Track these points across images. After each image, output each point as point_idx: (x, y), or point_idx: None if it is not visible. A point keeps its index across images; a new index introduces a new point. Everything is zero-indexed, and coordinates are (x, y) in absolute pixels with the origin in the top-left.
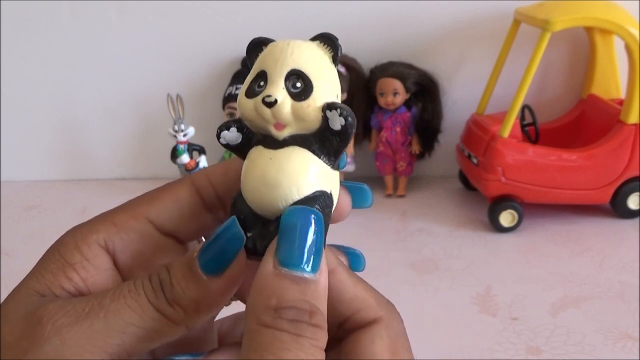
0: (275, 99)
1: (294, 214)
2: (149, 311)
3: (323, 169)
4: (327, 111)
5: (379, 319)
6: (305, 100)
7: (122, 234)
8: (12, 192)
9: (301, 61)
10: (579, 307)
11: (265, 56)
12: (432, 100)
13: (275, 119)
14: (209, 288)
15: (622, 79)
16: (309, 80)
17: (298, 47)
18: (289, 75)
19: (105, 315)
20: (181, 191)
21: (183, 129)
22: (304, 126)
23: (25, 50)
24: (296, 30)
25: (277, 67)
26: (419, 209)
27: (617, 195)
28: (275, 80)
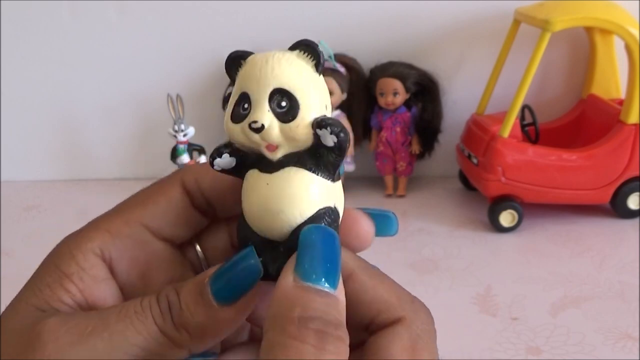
0: (262, 124)
1: (311, 232)
2: (155, 334)
3: (323, 186)
4: (318, 130)
5: (402, 318)
6: (293, 121)
7: (117, 241)
8: (12, 192)
9: (283, 77)
10: (579, 307)
11: (245, 76)
12: (432, 100)
13: (266, 141)
14: (218, 316)
15: (622, 79)
16: (294, 97)
17: (278, 62)
18: (273, 95)
19: (109, 336)
20: (173, 194)
21: (183, 129)
22: (296, 145)
23: (25, 50)
24: (296, 30)
25: (259, 88)
26: (419, 209)
27: (617, 195)
28: (258, 103)
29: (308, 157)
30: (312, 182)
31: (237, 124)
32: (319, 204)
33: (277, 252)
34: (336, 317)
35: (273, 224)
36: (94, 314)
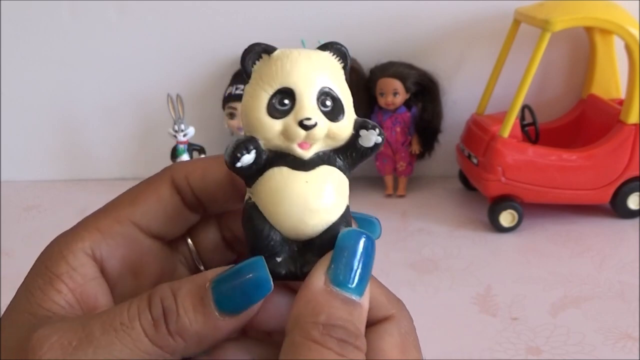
0: (316, 122)
1: (352, 236)
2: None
3: (347, 184)
4: (362, 130)
5: (390, 316)
6: (341, 121)
7: (108, 240)
8: (12, 192)
9: (328, 78)
10: (579, 307)
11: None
12: (432, 100)
13: (306, 139)
14: (219, 326)
15: (622, 79)
16: (339, 98)
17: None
18: (322, 94)
19: (94, 351)
20: (163, 191)
21: (183, 129)
22: (331, 144)
23: (25, 50)
24: (296, 31)
25: (307, 85)
26: (419, 209)
27: (617, 195)
28: (307, 100)
29: (336, 156)
30: (344, 181)
31: (277, 119)
32: (345, 202)
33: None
34: (358, 327)
35: (310, 222)
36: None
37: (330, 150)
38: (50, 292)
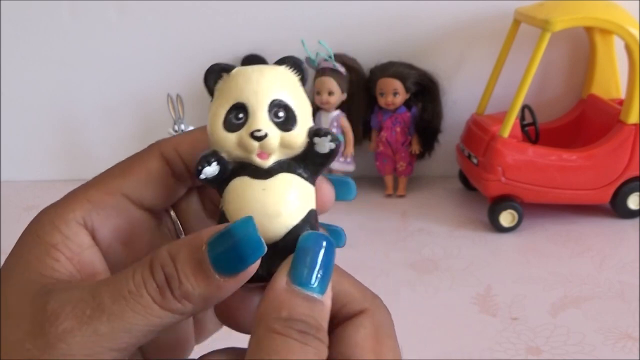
0: (266, 133)
1: (311, 238)
2: (155, 311)
3: (310, 189)
4: (315, 137)
5: (364, 310)
6: (293, 130)
7: (98, 210)
8: (12, 192)
9: (280, 90)
10: (579, 307)
11: (239, 86)
12: (432, 100)
13: (263, 149)
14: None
15: (622, 79)
16: (291, 109)
17: (274, 75)
18: (271, 106)
19: (108, 319)
20: (152, 163)
21: (183, 129)
22: (288, 152)
23: (25, 50)
24: (296, 31)
25: (258, 99)
26: (419, 209)
27: (617, 195)
28: (258, 113)
29: (296, 164)
30: (304, 187)
31: (232, 132)
32: (308, 207)
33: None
34: (319, 322)
35: (270, 227)
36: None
37: (289, 158)
38: (48, 262)
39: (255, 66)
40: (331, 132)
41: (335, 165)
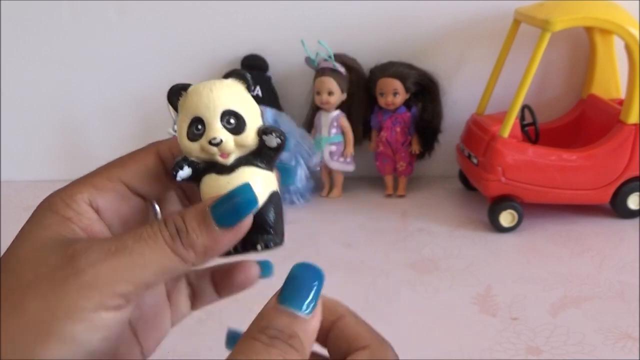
0: (221, 139)
1: (302, 267)
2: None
3: (268, 176)
4: (264, 135)
5: (367, 346)
6: (243, 133)
7: (102, 193)
8: (12, 192)
9: (228, 101)
10: (579, 307)
11: (194, 103)
12: (432, 100)
13: (221, 151)
14: (218, 237)
15: (622, 79)
16: (240, 115)
17: (221, 89)
18: (223, 115)
19: (130, 254)
20: (149, 159)
21: None
22: (244, 150)
23: (25, 50)
24: (296, 30)
25: (210, 111)
26: (419, 209)
27: (617, 195)
28: (213, 123)
29: (253, 157)
30: (263, 175)
31: (195, 141)
32: (269, 190)
33: None
34: (293, 330)
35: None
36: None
37: (247, 154)
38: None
39: (206, 82)
40: (277, 129)
41: (336, 166)
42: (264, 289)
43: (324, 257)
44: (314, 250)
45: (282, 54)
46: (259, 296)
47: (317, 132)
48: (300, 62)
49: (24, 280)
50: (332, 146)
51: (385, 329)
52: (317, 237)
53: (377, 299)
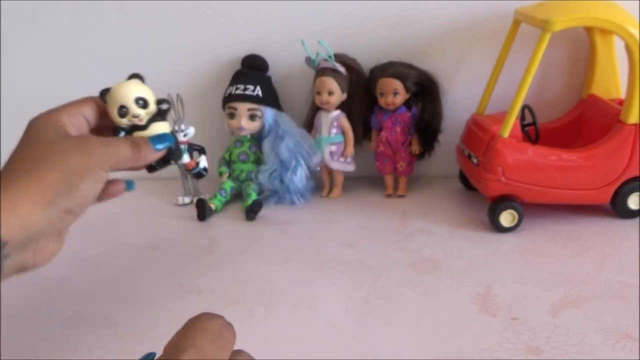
0: (138, 114)
1: None
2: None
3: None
4: (160, 105)
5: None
6: (148, 107)
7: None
8: None
9: (136, 91)
10: (579, 307)
11: (118, 96)
12: (432, 100)
13: (139, 120)
14: (153, 152)
15: (622, 79)
16: (145, 98)
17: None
18: (136, 100)
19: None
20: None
21: (183, 129)
22: (150, 115)
23: (25, 50)
24: (296, 30)
25: (128, 99)
26: (419, 209)
27: (617, 195)
28: (131, 106)
29: (155, 117)
30: (162, 125)
31: (123, 117)
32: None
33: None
34: None
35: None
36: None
37: (152, 116)
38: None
39: (121, 83)
40: (162, 99)
41: (336, 166)
42: (264, 290)
43: (324, 257)
44: (314, 250)
45: (282, 54)
46: (258, 296)
47: (317, 132)
48: (300, 62)
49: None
50: (332, 146)
51: (385, 329)
52: (317, 237)
53: (377, 299)
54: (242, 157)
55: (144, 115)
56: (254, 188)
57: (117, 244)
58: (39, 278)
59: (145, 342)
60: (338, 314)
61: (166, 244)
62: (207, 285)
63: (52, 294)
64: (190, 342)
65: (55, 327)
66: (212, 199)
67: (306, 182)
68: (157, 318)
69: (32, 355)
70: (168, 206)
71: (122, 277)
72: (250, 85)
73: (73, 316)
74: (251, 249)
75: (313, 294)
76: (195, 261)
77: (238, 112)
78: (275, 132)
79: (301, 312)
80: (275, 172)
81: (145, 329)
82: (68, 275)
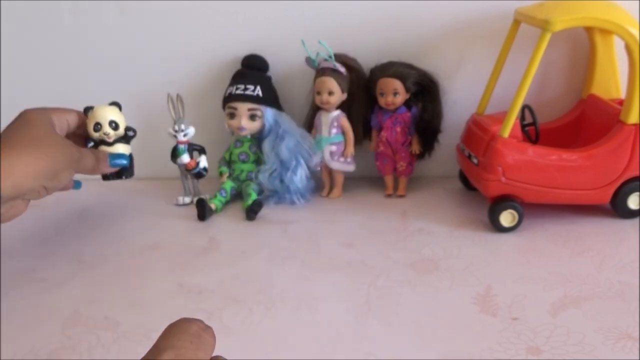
0: (109, 132)
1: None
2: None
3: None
4: (127, 131)
5: None
6: (118, 130)
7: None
8: None
9: (111, 115)
10: (579, 307)
11: (96, 115)
12: (432, 100)
13: (107, 137)
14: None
15: (622, 79)
16: (116, 122)
17: (107, 109)
18: (110, 122)
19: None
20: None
21: (183, 129)
22: (117, 136)
23: (26, 50)
24: (296, 30)
25: (104, 120)
26: (419, 209)
27: (617, 195)
28: (105, 125)
29: (120, 139)
30: (125, 147)
31: (96, 132)
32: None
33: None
34: None
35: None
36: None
37: (119, 138)
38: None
39: (101, 105)
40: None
41: (336, 165)
42: (264, 290)
43: (324, 257)
44: (314, 250)
45: (282, 54)
46: (258, 296)
47: (317, 132)
48: (300, 62)
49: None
50: (333, 146)
51: (385, 329)
52: (317, 237)
53: (377, 299)
54: (242, 157)
55: (112, 134)
56: (254, 188)
57: (117, 244)
58: (39, 278)
59: (145, 342)
60: (338, 314)
61: (166, 244)
62: (207, 285)
63: (52, 294)
64: (169, 343)
65: (55, 327)
66: (212, 199)
67: (306, 182)
68: (157, 318)
69: (32, 355)
70: (168, 206)
71: (122, 277)
72: (251, 85)
73: (73, 316)
74: (251, 249)
75: (313, 294)
76: (195, 261)
77: (238, 112)
78: (276, 132)
79: (301, 312)
80: (275, 172)
81: (145, 329)
82: (68, 275)
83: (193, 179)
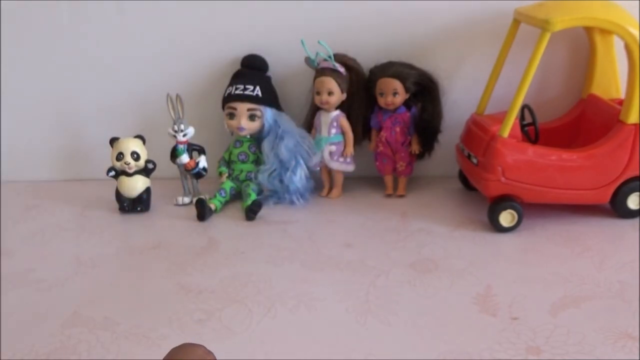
0: (130, 162)
1: None
2: None
3: (147, 180)
4: (147, 163)
5: None
6: (139, 161)
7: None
8: (13, 192)
9: (134, 146)
10: (579, 307)
11: (120, 145)
12: (432, 100)
13: (129, 167)
14: None
15: (622, 79)
16: (138, 153)
17: (131, 141)
18: (132, 153)
19: None
20: None
21: (183, 129)
22: (138, 168)
23: (26, 51)
24: (296, 31)
25: (127, 150)
26: (419, 209)
27: (617, 195)
28: (127, 156)
29: (141, 171)
30: (144, 180)
31: (118, 161)
32: (146, 185)
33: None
34: None
35: (132, 193)
36: None
37: (139, 169)
38: None
39: (125, 138)
40: (151, 160)
41: (336, 166)
42: (264, 290)
43: (324, 257)
44: (314, 250)
45: (282, 54)
46: (258, 296)
47: (317, 132)
48: (300, 62)
49: None
50: (332, 146)
51: (385, 329)
52: (317, 237)
53: (377, 299)
54: (241, 157)
55: (133, 165)
56: (254, 188)
57: (117, 244)
58: (39, 278)
59: (145, 342)
60: (338, 314)
61: (166, 244)
62: (207, 285)
63: (52, 294)
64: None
65: (55, 327)
66: (211, 199)
67: (306, 182)
68: (157, 318)
69: (32, 355)
70: (168, 206)
71: (122, 277)
72: (250, 85)
73: (73, 316)
74: (251, 249)
75: (312, 294)
76: (195, 261)
77: (238, 112)
78: (275, 132)
79: (301, 312)
80: (274, 172)
81: (145, 329)
82: (68, 275)
83: (192, 179)
